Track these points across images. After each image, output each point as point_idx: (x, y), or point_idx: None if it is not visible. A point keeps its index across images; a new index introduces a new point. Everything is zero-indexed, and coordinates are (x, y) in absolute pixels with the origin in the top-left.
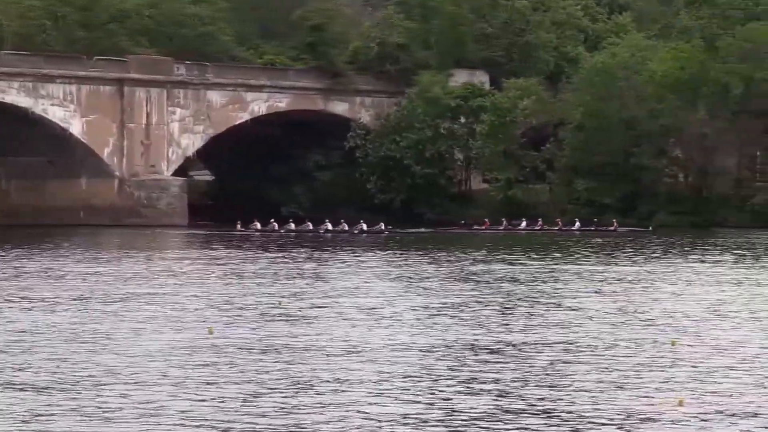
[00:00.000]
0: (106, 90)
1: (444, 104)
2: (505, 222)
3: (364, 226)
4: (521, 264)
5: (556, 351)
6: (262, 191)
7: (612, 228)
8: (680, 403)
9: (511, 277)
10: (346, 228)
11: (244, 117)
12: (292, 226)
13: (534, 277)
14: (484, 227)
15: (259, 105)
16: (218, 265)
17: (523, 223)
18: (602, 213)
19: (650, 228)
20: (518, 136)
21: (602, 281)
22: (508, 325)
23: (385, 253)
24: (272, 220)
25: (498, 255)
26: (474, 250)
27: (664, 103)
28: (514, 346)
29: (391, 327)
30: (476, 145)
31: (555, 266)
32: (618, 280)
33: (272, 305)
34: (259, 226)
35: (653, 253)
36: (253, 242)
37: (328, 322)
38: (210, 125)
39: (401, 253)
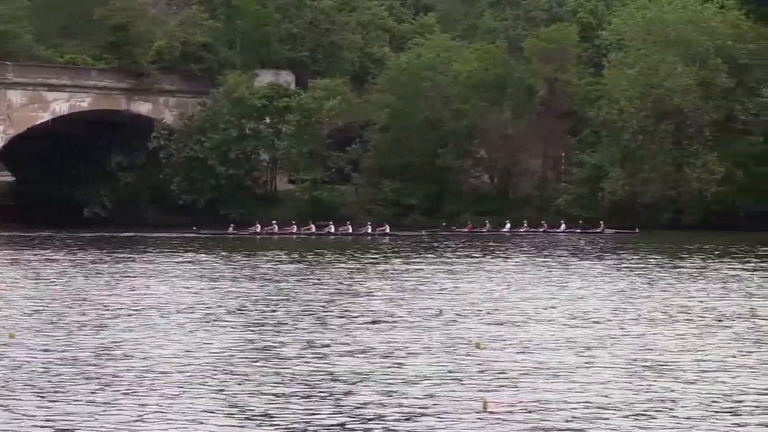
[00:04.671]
0: None
1: (249, 104)
2: (488, 224)
3: (369, 229)
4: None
5: (362, 353)
6: (64, 192)
7: (599, 230)
8: (484, 406)
9: (340, 280)
10: (350, 230)
11: (46, 117)
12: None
13: (356, 279)
14: (467, 229)
15: (60, 105)
16: (21, 268)
17: (507, 225)
18: (407, 214)
19: (636, 230)
20: (324, 136)
21: (409, 282)
22: (317, 326)
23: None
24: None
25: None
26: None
27: (468, 103)
28: (321, 348)
29: (186, 329)
30: (282, 146)
31: (377, 267)
32: (427, 280)
33: (76, 308)
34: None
35: (469, 253)
36: (55, 245)
37: (121, 326)
38: (10, 125)
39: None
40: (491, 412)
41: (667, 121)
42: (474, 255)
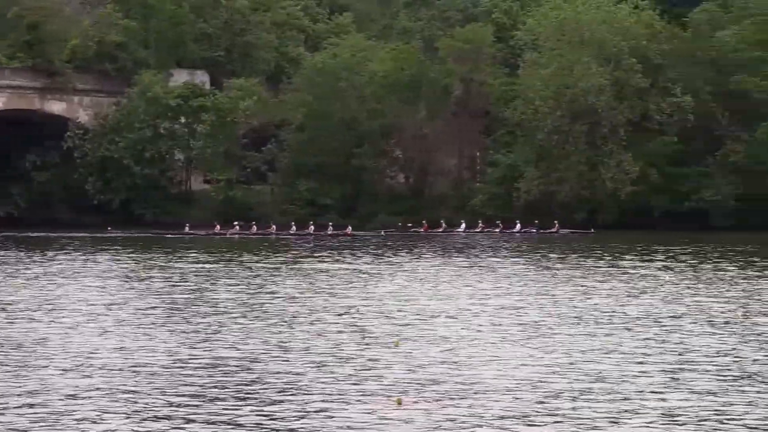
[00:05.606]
0: None
1: (164, 104)
2: (444, 225)
3: (330, 230)
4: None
5: (279, 351)
6: None
7: (553, 230)
8: (398, 403)
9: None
10: (311, 230)
11: None
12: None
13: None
14: (423, 230)
15: None
16: None
17: (462, 225)
18: (322, 214)
19: (591, 230)
20: (239, 136)
21: (340, 280)
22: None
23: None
24: (236, 223)
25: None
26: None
27: (384, 103)
28: (236, 347)
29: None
30: (197, 146)
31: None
32: (347, 279)
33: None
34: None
35: (389, 251)
36: None
37: (29, 325)
38: None
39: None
40: (404, 409)
41: (582, 120)
42: (418, 254)
